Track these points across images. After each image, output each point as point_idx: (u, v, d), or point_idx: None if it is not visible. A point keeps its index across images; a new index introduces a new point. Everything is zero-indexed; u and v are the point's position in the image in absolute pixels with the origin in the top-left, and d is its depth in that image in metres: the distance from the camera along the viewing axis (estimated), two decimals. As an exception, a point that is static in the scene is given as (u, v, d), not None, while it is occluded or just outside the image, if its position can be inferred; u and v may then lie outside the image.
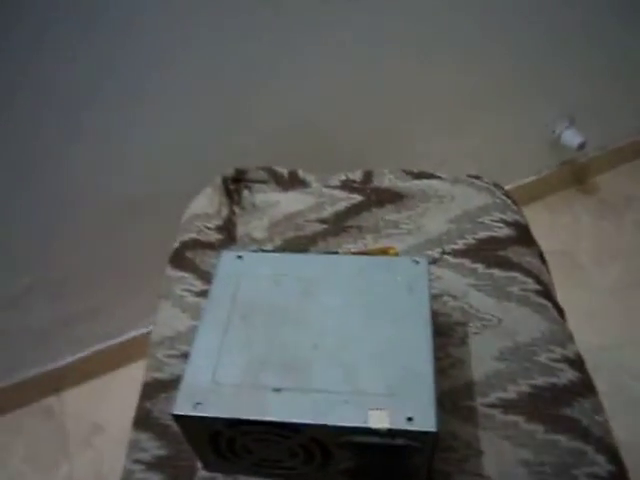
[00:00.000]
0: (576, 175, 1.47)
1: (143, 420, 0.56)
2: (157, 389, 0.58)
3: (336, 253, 0.64)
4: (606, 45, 1.22)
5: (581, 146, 1.30)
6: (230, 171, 0.79)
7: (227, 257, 0.53)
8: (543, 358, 0.56)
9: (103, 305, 1.12)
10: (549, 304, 0.61)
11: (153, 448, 0.54)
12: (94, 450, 1.12)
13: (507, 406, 0.52)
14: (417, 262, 0.51)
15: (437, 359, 0.45)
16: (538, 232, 0.74)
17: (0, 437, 1.16)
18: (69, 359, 1.17)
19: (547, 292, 0.63)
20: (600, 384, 0.57)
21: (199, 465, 0.50)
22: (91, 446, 1.13)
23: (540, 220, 1.30)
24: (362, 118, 1.06)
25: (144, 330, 1.18)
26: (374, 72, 1.02)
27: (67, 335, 1.13)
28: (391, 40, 0.99)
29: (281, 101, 0.98)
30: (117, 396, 1.17)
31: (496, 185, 0.75)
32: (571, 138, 1.31)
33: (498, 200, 0.72)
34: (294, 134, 1.01)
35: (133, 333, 1.19)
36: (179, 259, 0.70)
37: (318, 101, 1.01)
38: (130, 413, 0.66)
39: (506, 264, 0.64)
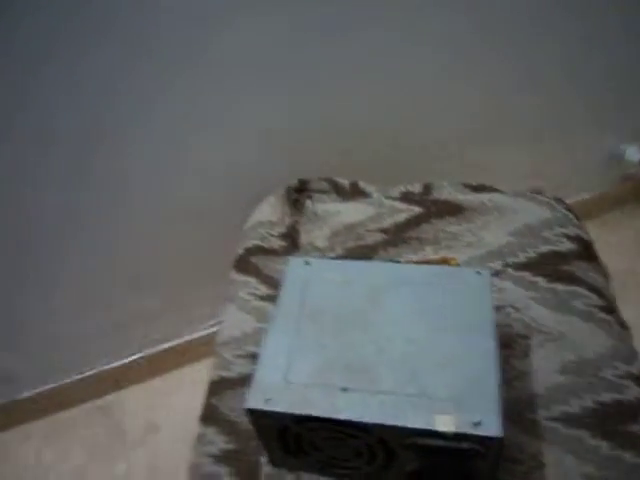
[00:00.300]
0: (638, 191, 1.42)
1: (210, 415, 0.59)
2: (224, 386, 0.61)
3: (397, 262, 0.66)
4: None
5: (644, 162, 1.27)
6: (293, 181, 0.82)
7: (295, 262, 0.55)
8: (607, 374, 0.55)
9: (164, 307, 1.16)
10: (613, 320, 0.60)
11: (220, 442, 0.56)
12: (150, 448, 1.16)
13: (571, 420, 0.52)
14: (480, 273, 0.52)
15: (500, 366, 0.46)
16: (600, 249, 0.73)
17: (61, 432, 1.21)
18: (129, 359, 1.22)
19: (611, 308, 0.63)
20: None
21: (264, 460, 0.52)
22: (147, 444, 1.17)
23: (602, 236, 1.26)
24: (424, 131, 1.07)
25: (202, 333, 1.22)
26: (438, 86, 1.03)
27: (127, 335, 1.18)
28: (458, 55, 1.00)
29: (343, 114, 1.00)
30: (174, 397, 1.22)
31: (557, 200, 0.75)
32: (634, 153, 1.28)
33: (560, 215, 0.72)
34: (355, 146, 1.03)
35: (190, 336, 1.23)
36: (243, 264, 0.73)
37: (379, 114, 1.02)
38: (186, 413, 0.69)
39: (569, 278, 0.64)
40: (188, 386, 1.20)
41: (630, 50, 1.13)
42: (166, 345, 1.22)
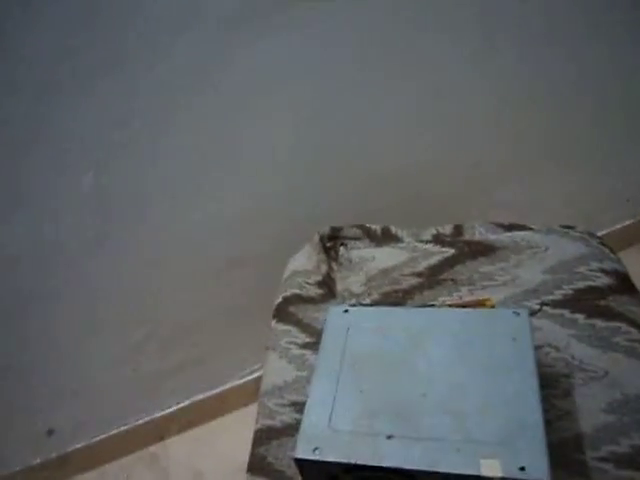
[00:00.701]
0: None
1: (258, 465, 0.60)
2: (269, 436, 0.62)
3: (433, 306, 0.67)
4: None
5: (679, 188, 1.25)
6: (326, 229, 0.85)
7: (334, 311, 0.57)
8: (656, 411, 0.54)
9: (205, 357, 1.19)
10: (657, 355, 0.60)
11: (269, 492, 0.57)
12: (196, 497, 1.17)
13: (621, 460, 0.51)
14: (518, 314, 0.52)
15: (543, 410, 0.46)
16: (636, 277, 0.72)
17: (110, 481, 1.24)
18: (173, 408, 1.24)
19: (654, 342, 0.62)
20: None
21: (313, 510, 0.53)
22: (194, 493, 1.18)
23: (638, 265, 1.24)
24: (451, 171, 1.09)
25: (241, 381, 1.23)
26: (458, 122, 1.05)
27: (171, 385, 1.21)
28: (478, 90, 1.02)
29: (370, 158, 1.03)
30: (216, 444, 1.23)
31: (590, 234, 0.76)
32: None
33: (594, 249, 0.72)
34: (382, 191, 1.05)
35: (231, 384, 1.24)
36: (283, 313, 0.75)
37: (405, 157, 1.05)
38: (229, 460, 0.70)
39: (608, 314, 0.64)
40: (231, 434, 1.21)
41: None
42: (208, 393, 1.24)
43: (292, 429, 0.50)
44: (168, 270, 1.06)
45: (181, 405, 1.24)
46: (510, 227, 0.79)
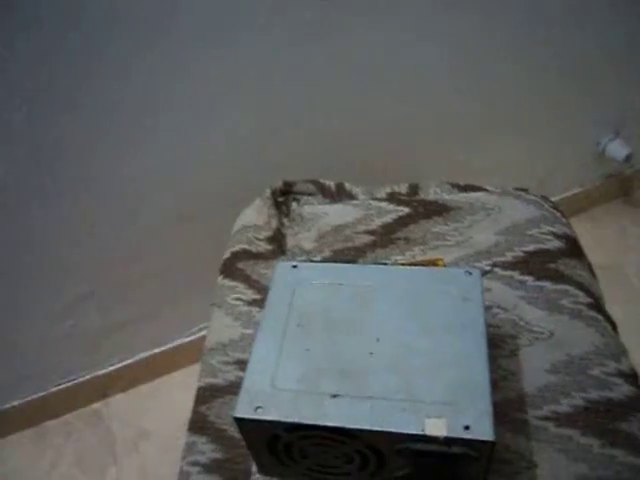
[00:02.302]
0: (622, 187, 1.44)
1: (199, 424, 0.58)
2: (212, 394, 0.60)
3: (385, 264, 0.65)
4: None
5: (628, 158, 1.28)
6: (278, 184, 0.81)
7: (282, 266, 0.55)
8: (597, 372, 0.55)
9: (150, 313, 1.15)
10: (601, 317, 0.61)
11: (209, 451, 0.55)
12: (140, 455, 1.15)
13: (561, 419, 0.52)
14: (470, 273, 0.51)
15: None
16: (587, 244, 0.73)
17: (51, 440, 1.20)
18: (117, 365, 1.21)
19: (599, 305, 0.63)
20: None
21: (254, 469, 0.52)
22: (137, 451, 1.16)
23: (585, 233, 1.27)
24: (407, 131, 1.07)
25: (190, 338, 1.21)
26: (419, 86, 1.03)
27: (115, 342, 1.17)
28: (436, 54, 1.00)
29: (327, 115, 1.00)
30: (163, 402, 1.21)
31: (544, 198, 0.75)
32: (617, 150, 1.29)
33: (546, 213, 0.72)
34: (338, 147, 1.03)
35: (178, 341, 1.22)
36: (230, 269, 0.72)
37: (362, 114, 1.02)
38: (176, 419, 0.69)
39: (556, 277, 0.64)
40: (177, 392, 1.19)
41: (609, 45, 1.14)
42: (154, 351, 1.21)
43: (236, 387, 0.48)
44: (111, 223, 1.00)
45: (125, 362, 1.21)
46: (465, 188, 0.77)
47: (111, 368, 1.21)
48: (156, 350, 1.21)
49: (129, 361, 1.21)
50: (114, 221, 1.00)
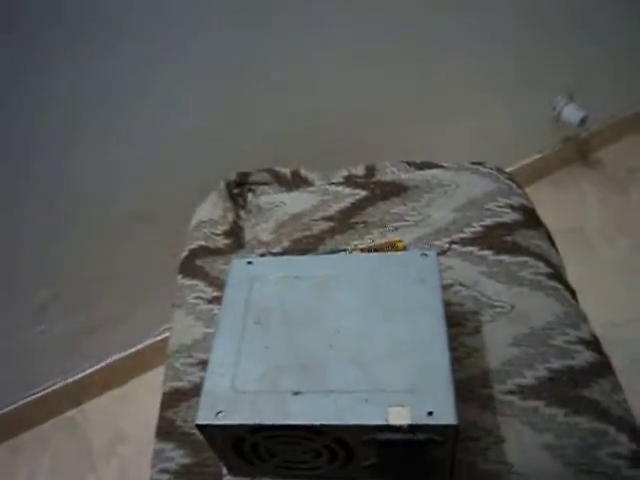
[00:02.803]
0: (579, 151, 1.46)
1: (166, 430, 0.57)
2: (177, 398, 0.59)
3: (344, 250, 0.65)
4: (600, 16, 1.21)
5: (582, 121, 1.29)
6: (232, 175, 0.79)
7: (237, 264, 0.53)
8: (558, 341, 0.56)
9: (119, 315, 1.13)
10: (561, 287, 0.61)
11: (178, 457, 0.54)
12: (118, 459, 1.14)
13: (525, 392, 0.52)
14: (426, 255, 0.51)
15: (452, 350, 0.45)
16: (544, 210, 0.73)
17: (26, 451, 1.17)
18: (89, 370, 1.18)
19: (558, 275, 0.63)
20: (616, 360, 0.57)
21: (225, 471, 0.51)
22: (115, 455, 1.14)
23: (546, 198, 1.29)
24: (360, 111, 1.06)
25: (159, 337, 1.19)
26: (369, 63, 1.02)
27: (85, 347, 1.15)
28: (384, 31, 0.99)
29: (277, 100, 0.98)
30: (137, 404, 1.19)
31: (499, 170, 0.75)
32: (571, 114, 1.30)
33: (502, 185, 0.72)
34: (292, 133, 1.01)
35: (149, 341, 1.20)
36: (189, 267, 0.71)
37: (314, 98, 1.01)
38: (151, 420, 0.67)
39: (515, 249, 0.64)
40: (151, 392, 1.16)
41: (561, 10, 1.14)
42: (124, 353, 1.19)
43: (201, 389, 0.47)
44: (71, 226, 0.97)
45: (97, 367, 1.19)
46: (422, 165, 0.77)
47: (83, 374, 1.18)
48: (127, 352, 1.19)
49: (101, 365, 1.19)
50: (74, 223, 0.97)
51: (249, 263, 0.53)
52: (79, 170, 0.91)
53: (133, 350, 1.19)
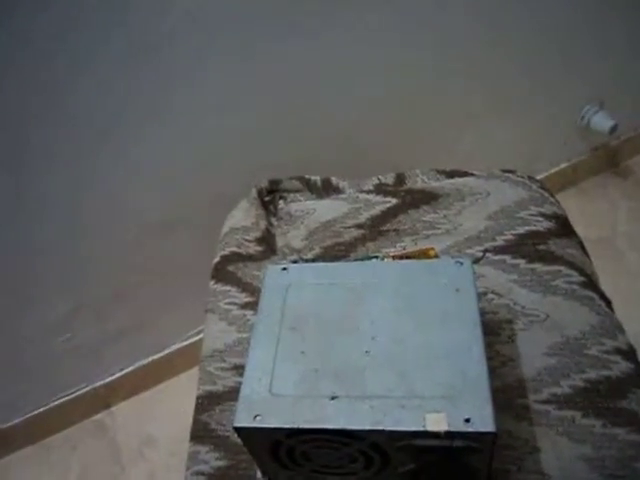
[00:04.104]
0: (609, 159, 1.44)
1: (201, 432, 0.58)
2: (211, 402, 0.59)
3: (376, 257, 0.65)
4: (630, 22, 1.19)
5: (613, 129, 1.27)
6: (264, 183, 0.81)
7: (272, 270, 0.54)
8: (594, 351, 0.55)
9: (146, 320, 1.14)
10: (595, 296, 0.60)
11: (212, 459, 0.55)
12: (147, 461, 1.15)
13: (561, 402, 0.52)
14: (461, 263, 0.51)
15: (488, 358, 0.45)
16: (574, 219, 0.73)
17: (56, 454, 1.19)
18: (117, 375, 1.20)
19: (592, 283, 0.63)
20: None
21: (259, 474, 0.51)
22: (144, 458, 1.16)
23: (575, 207, 1.27)
24: (388, 120, 1.06)
25: (187, 342, 1.20)
26: (399, 72, 1.02)
27: (114, 351, 1.17)
28: (413, 40, 0.99)
29: (304, 109, 0.99)
30: (165, 407, 1.20)
31: (531, 178, 0.75)
32: (601, 122, 1.28)
33: (534, 193, 0.72)
34: (323, 142, 1.02)
35: (176, 345, 1.21)
36: (221, 273, 0.72)
37: (343, 107, 1.01)
38: (179, 424, 0.68)
39: (548, 258, 0.64)
40: (180, 396, 1.18)
41: (587, 18, 1.13)
42: (153, 357, 1.20)
43: (235, 393, 0.48)
44: (100, 235, 0.99)
45: (125, 371, 1.20)
46: (452, 173, 0.77)
47: (111, 378, 1.20)
48: (155, 356, 1.21)
49: (129, 369, 1.20)
50: (102, 231, 0.99)
51: (284, 269, 0.54)
52: (106, 175, 0.93)
53: (161, 354, 1.21)
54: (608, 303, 0.62)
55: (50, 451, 1.20)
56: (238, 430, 0.44)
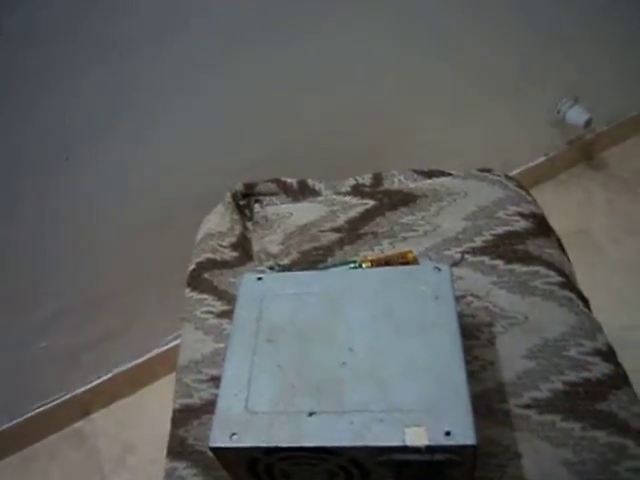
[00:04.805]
0: (585, 152, 1.45)
1: (178, 448, 0.56)
2: (188, 416, 0.58)
3: (354, 262, 0.64)
4: (604, 17, 1.20)
5: (587, 123, 1.28)
6: (239, 186, 0.79)
7: (247, 280, 0.53)
8: (573, 352, 0.55)
9: (124, 326, 1.13)
10: (574, 296, 0.60)
11: (190, 476, 0.54)
12: (128, 470, 1.13)
13: (542, 406, 0.51)
14: (439, 269, 0.50)
15: (467, 363, 0.44)
16: (551, 213, 0.72)
17: (36, 464, 1.17)
18: (96, 382, 1.18)
19: (570, 283, 0.62)
20: (627, 364, 0.56)
21: (238, 490, 0.50)
22: (125, 466, 1.14)
23: (552, 200, 1.28)
24: (363, 119, 1.06)
25: (167, 347, 1.19)
26: (372, 72, 1.01)
27: (92, 359, 1.14)
28: (385, 38, 0.98)
29: (281, 110, 0.98)
30: (146, 414, 1.18)
31: (507, 177, 0.75)
32: (576, 116, 1.29)
33: (511, 192, 0.71)
34: (297, 143, 1.00)
35: (156, 350, 1.19)
36: (197, 280, 0.70)
37: (318, 107, 1.00)
38: (160, 430, 0.67)
39: (526, 258, 0.63)
40: (160, 402, 1.15)
41: (562, 12, 1.14)
42: (131, 363, 1.19)
43: (212, 406, 0.46)
44: (74, 239, 0.97)
45: (104, 378, 1.19)
46: (429, 174, 0.76)
47: (90, 385, 1.18)
48: (133, 362, 1.19)
49: (108, 376, 1.19)
50: (81, 235, 0.97)
51: (259, 279, 0.53)
52: (85, 177, 0.91)
53: (139, 361, 1.19)
54: (586, 303, 0.62)
55: (30, 461, 1.18)
56: (214, 450, 0.43)
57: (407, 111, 1.09)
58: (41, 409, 1.16)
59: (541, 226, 0.68)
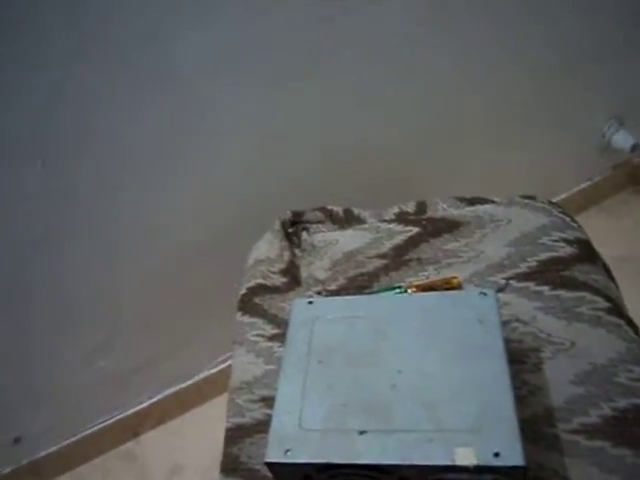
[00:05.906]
0: (631, 176, 1.42)
1: (231, 465, 0.59)
2: (240, 434, 0.60)
3: (399, 287, 0.66)
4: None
5: (634, 148, 1.27)
6: (287, 214, 0.82)
7: (299, 304, 0.55)
8: (623, 379, 0.55)
9: (175, 348, 1.16)
10: (622, 322, 0.60)
11: (244, 493, 0.56)
12: (177, 489, 1.16)
13: (591, 431, 0.52)
14: (485, 294, 0.52)
15: (514, 388, 0.45)
16: (596, 239, 0.73)
17: (87, 482, 1.21)
18: (146, 403, 1.22)
19: (618, 309, 0.62)
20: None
21: (290, 508, 0.52)
22: (174, 486, 1.17)
23: (597, 226, 1.26)
24: (408, 147, 1.08)
25: (215, 370, 1.22)
26: (418, 100, 1.03)
27: (142, 381, 1.18)
28: (434, 68, 1.01)
29: (329, 140, 1.01)
30: (194, 435, 1.21)
31: (552, 203, 0.75)
32: (622, 140, 1.28)
33: (555, 219, 0.72)
34: (343, 172, 1.03)
35: (204, 373, 1.22)
36: (248, 305, 0.73)
37: (364, 136, 1.03)
38: (207, 451, 0.69)
39: (572, 284, 0.64)
40: (208, 423, 1.19)
41: (606, 36, 1.14)
42: (181, 385, 1.22)
43: (264, 425, 0.49)
44: (131, 266, 1.02)
45: (154, 399, 1.22)
46: (472, 201, 0.78)
47: (140, 406, 1.22)
48: (183, 384, 1.22)
49: (157, 397, 1.22)
50: (133, 261, 1.02)
51: (310, 303, 0.55)
52: (137, 207, 0.96)
53: (188, 383, 1.22)
54: (635, 329, 0.61)
55: (81, 479, 1.22)
56: (270, 465, 0.45)
57: (449, 138, 1.11)
58: (94, 429, 1.20)
59: (586, 252, 0.68)
